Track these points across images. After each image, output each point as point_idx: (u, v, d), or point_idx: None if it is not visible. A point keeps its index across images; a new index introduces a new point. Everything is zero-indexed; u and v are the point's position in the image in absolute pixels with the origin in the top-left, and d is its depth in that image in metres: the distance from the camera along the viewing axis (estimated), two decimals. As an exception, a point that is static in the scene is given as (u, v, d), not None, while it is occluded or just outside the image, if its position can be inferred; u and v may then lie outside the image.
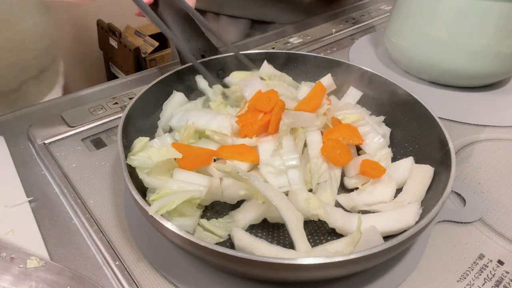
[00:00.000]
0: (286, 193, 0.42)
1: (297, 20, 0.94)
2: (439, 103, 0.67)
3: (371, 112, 0.57)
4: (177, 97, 0.55)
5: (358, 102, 0.58)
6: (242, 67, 0.60)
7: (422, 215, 0.38)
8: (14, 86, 0.73)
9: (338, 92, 0.60)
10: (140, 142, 0.45)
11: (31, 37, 0.73)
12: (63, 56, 0.87)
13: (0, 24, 0.67)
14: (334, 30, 0.89)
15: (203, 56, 0.62)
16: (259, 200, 0.40)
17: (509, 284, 0.40)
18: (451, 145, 0.44)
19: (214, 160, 0.47)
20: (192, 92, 0.58)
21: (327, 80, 0.58)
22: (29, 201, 0.46)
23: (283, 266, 0.33)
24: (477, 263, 0.42)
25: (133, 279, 0.39)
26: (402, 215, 0.41)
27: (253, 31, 0.98)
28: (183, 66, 0.57)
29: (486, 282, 0.40)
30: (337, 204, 0.46)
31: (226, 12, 0.96)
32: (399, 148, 0.53)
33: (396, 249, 0.37)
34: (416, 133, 0.51)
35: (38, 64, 0.77)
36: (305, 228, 0.40)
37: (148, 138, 0.46)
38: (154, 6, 0.64)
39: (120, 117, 0.47)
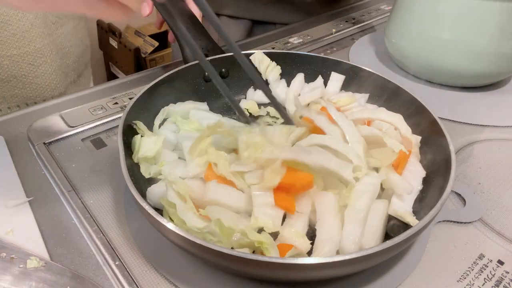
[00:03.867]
0: None
1: (297, 20, 0.94)
2: (439, 103, 0.67)
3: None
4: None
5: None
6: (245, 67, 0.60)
7: (422, 215, 0.38)
8: (61, 91, 0.78)
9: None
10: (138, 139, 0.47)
11: (70, 41, 0.78)
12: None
13: (44, 28, 0.71)
14: (334, 30, 0.89)
15: (206, 55, 0.62)
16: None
17: (509, 284, 0.40)
18: (451, 145, 0.44)
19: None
20: (194, 93, 0.58)
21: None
22: (29, 201, 0.46)
23: (283, 266, 0.33)
24: (477, 263, 0.42)
25: (133, 279, 0.39)
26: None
27: (253, 31, 0.98)
28: (184, 66, 0.57)
29: (486, 282, 0.40)
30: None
31: (226, 12, 0.96)
32: (399, 148, 0.53)
33: (396, 249, 0.37)
34: (416, 133, 0.51)
35: (76, 69, 0.81)
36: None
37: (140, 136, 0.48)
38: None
39: (120, 117, 0.47)
